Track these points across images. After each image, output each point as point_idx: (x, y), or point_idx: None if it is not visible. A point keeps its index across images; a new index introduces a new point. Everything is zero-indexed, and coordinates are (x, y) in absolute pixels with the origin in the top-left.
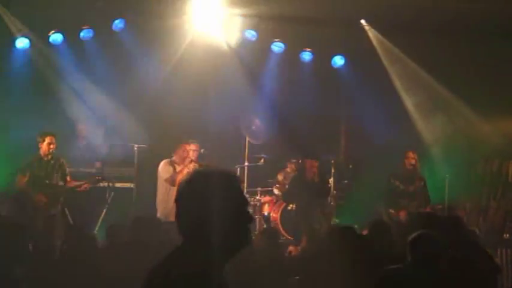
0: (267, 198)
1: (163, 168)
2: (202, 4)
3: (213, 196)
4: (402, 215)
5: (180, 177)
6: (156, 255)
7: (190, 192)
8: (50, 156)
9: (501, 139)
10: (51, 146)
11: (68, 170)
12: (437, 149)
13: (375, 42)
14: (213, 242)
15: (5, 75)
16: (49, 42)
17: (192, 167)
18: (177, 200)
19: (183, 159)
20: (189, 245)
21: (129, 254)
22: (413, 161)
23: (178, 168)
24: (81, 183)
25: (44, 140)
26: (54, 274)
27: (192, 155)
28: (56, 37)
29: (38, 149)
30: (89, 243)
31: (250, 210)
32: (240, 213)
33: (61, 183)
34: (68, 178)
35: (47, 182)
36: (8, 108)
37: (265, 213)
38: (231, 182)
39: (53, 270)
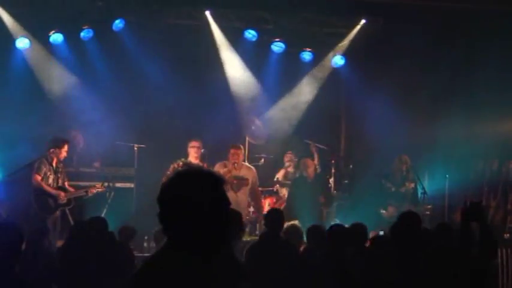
0: (267, 198)
1: (217, 170)
2: (202, 4)
3: (195, 197)
4: (391, 211)
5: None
6: None
7: (173, 192)
8: (59, 161)
9: (501, 139)
10: (65, 153)
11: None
12: (437, 149)
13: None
14: (194, 242)
15: (5, 75)
16: (49, 42)
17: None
18: (159, 200)
19: (233, 163)
20: (172, 245)
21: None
22: (405, 165)
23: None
24: (85, 190)
25: (61, 147)
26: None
27: (193, 152)
28: (56, 37)
29: (49, 151)
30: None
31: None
32: (221, 215)
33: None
34: (66, 183)
35: (56, 185)
36: (8, 108)
37: (266, 213)
38: (214, 183)
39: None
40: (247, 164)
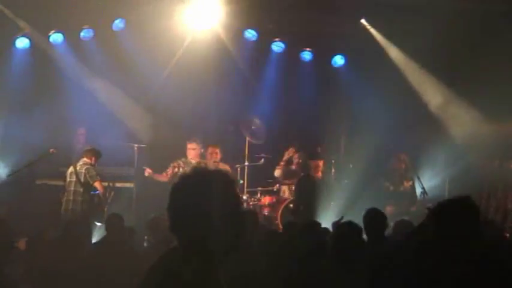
0: (267, 198)
1: None
2: (202, 4)
3: (208, 197)
4: (389, 210)
5: None
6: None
7: (186, 191)
8: None
9: (501, 139)
10: None
11: None
12: (437, 149)
13: (375, 42)
14: (205, 242)
15: (5, 75)
16: (49, 42)
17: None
18: (172, 202)
19: (210, 161)
20: (182, 245)
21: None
22: (404, 164)
23: None
24: None
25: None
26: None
27: (192, 154)
28: (56, 37)
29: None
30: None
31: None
32: (234, 216)
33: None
34: None
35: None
36: (8, 108)
37: (266, 213)
38: (228, 184)
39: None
40: (221, 163)
